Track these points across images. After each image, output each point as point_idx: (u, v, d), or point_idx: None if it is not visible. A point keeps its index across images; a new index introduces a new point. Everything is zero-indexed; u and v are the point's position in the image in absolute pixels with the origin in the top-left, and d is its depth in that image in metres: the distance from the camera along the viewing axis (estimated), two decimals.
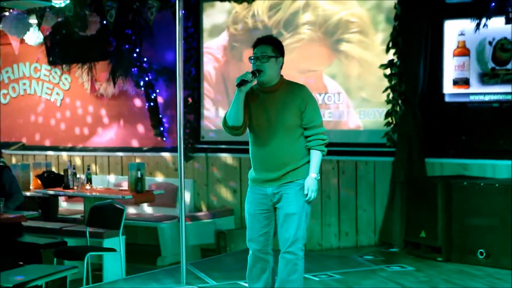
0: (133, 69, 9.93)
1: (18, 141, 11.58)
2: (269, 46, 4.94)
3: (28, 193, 8.67)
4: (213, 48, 9.52)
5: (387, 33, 8.06)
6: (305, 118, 4.90)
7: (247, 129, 5.04)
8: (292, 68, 8.79)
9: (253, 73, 4.86)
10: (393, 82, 8.02)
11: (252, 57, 4.95)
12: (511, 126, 7.55)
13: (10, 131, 11.52)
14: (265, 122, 4.93)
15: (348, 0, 8.46)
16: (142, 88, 10.04)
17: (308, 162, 4.94)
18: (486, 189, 6.92)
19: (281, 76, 5.03)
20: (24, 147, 11.49)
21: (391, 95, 8.03)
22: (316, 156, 4.92)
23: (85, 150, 10.77)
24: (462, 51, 7.79)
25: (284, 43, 5.18)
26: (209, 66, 9.55)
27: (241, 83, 4.79)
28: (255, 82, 4.94)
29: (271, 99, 4.94)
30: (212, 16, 9.54)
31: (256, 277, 5.14)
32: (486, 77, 7.69)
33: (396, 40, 7.96)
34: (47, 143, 11.34)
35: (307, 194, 4.89)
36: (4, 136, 11.43)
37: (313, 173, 4.90)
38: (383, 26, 8.19)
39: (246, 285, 6.15)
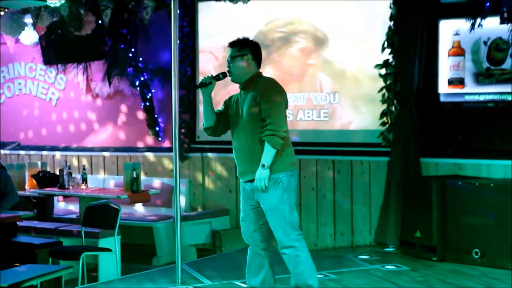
0: (128, 69, 9.93)
1: (13, 141, 11.56)
2: (234, 47, 5.21)
3: (23, 193, 8.66)
4: (211, 47, 9.50)
5: (382, 32, 8.06)
6: (261, 110, 4.99)
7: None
8: (287, 70, 8.81)
9: (217, 76, 5.21)
10: (388, 82, 8.03)
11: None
12: (506, 126, 7.56)
13: (5, 131, 11.49)
14: (236, 117, 5.15)
15: (343, 0, 8.46)
16: (138, 88, 10.03)
17: (280, 156, 4.98)
18: (481, 188, 6.93)
19: (257, 73, 5.20)
20: (19, 147, 11.47)
21: (386, 95, 8.04)
22: (265, 147, 4.95)
23: (80, 150, 10.76)
24: (457, 51, 7.80)
25: (279, 46, 5.29)
26: (209, 65, 9.51)
27: (198, 85, 5.20)
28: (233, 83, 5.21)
29: (243, 97, 5.15)
30: (207, 16, 9.53)
31: (255, 272, 5.18)
32: (481, 77, 7.71)
33: (391, 40, 7.96)
34: (43, 143, 11.32)
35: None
36: None
37: (261, 162, 4.93)
38: (378, 25, 8.18)
39: (242, 284, 6.19)
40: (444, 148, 7.96)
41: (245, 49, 5.17)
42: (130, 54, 9.89)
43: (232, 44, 5.22)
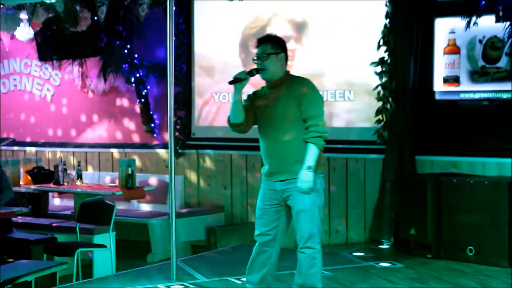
0: (124, 65, 9.91)
1: (8, 137, 11.54)
2: (268, 44, 5.10)
3: (18, 189, 8.65)
4: (207, 44, 9.48)
5: (378, 30, 8.06)
6: (303, 111, 4.97)
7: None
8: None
9: (250, 71, 5.02)
10: (383, 80, 8.04)
11: (255, 58, 5.10)
12: (501, 124, 7.57)
13: (0, 126, 11.47)
14: (268, 116, 5.06)
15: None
16: (133, 85, 10.02)
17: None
18: (476, 186, 6.95)
19: (287, 71, 5.15)
20: (14, 143, 11.45)
21: (381, 93, 8.05)
22: (309, 149, 4.94)
23: (75, 146, 10.74)
24: (453, 49, 7.82)
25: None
26: (205, 62, 9.51)
27: (233, 81, 4.96)
28: (262, 81, 5.06)
29: (275, 94, 5.07)
30: (203, 13, 9.52)
31: (256, 269, 5.17)
32: (476, 75, 7.72)
33: (387, 38, 7.97)
34: (38, 139, 11.31)
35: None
36: None
37: (305, 164, 4.92)
38: (374, 23, 8.17)
39: (237, 281, 6.19)
40: (439, 146, 7.96)
41: (279, 46, 5.11)
42: (126, 51, 9.88)
43: (265, 40, 5.12)
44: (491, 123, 7.68)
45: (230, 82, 4.97)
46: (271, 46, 5.08)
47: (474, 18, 7.24)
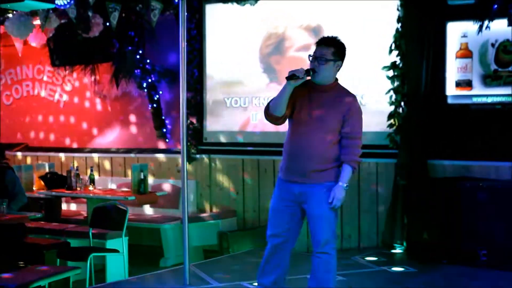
0: (136, 71, 9.94)
1: (21, 142, 11.60)
2: (330, 48, 4.99)
3: (31, 194, 8.68)
4: (219, 50, 9.50)
5: (390, 34, 8.05)
6: (345, 127, 4.96)
7: (287, 120, 5.11)
8: None
9: (307, 70, 4.90)
10: (396, 84, 8.03)
11: (311, 55, 4.99)
12: None
13: (13, 132, 11.54)
14: (306, 118, 4.98)
15: (350, 1, 8.47)
16: (145, 90, 10.05)
17: (338, 166, 4.99)
18: (489, 190, 6.93)
19: (336, 79, 5.08)
20: (27, 148, 11.50)
21: (393, 97, 8.04)
22: (345, 169, 4.96)
23: (88, 151, 10.77)
24: (465, 53, 7.81)
25: (285, 48, 5.22)
26: (216, 67, 9.55)
27: (291, 76, 4.84)
28: (307, 78, 4.96)
29: (320, 99, 4.99)
30: (215, 18, 9.54)
31: (269, 272, 5.15)
32: (489, 79, 7.70)
33: (398, 42, 7.96)
34: (50, 144, 11.35)
35: (331, 202, 4.92)
36: (7, 137, 11.44)
37: (340, 182, 4.93)
38: (386, 27, 8.17)
39: (249, 286, 6.19)
40: (451, 150, 7.94)
41: (340, 55, 5.02)
42: (138, 56, 9.91)
43: (328, 43, 5.02)
44: (504, 127, 7.65)
45: (288, 78, 4.85)
46: (332, 53, 4.97)
47: (486, 22, 7.23)
